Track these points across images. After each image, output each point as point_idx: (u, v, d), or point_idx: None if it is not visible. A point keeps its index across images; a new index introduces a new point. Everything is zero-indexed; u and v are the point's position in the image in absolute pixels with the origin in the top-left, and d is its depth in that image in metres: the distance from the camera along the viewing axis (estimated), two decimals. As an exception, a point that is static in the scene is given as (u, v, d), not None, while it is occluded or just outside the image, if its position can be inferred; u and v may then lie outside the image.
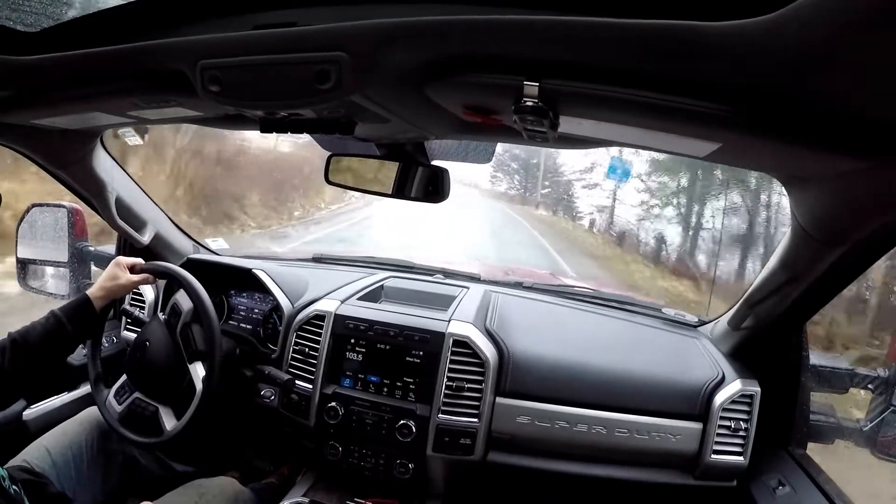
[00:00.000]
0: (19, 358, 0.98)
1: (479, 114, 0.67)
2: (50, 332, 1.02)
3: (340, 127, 0.76)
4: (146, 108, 0.81)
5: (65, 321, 1.03)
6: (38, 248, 1.46)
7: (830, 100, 0.45)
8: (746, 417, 1.08)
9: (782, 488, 1.06)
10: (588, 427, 1.10)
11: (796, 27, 0.37)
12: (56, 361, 1.07)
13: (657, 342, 1.30)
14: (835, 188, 0.63)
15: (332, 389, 1.18)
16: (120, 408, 1.17)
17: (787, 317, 1.03)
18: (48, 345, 1.01)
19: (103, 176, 1.23)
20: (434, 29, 0.50)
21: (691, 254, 8.51)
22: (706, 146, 0.59)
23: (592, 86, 0.50)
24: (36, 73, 0.74)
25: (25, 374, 1.00)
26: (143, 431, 1.14)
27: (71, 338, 1.05)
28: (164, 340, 1.14)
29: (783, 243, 0.88)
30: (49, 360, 1.04)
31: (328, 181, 1.14)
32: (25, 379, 1.01)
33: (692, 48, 0.43)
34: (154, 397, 1.15)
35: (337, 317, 1.21)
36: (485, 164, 1.14)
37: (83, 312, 1.06)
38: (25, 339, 1.00)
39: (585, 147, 0.87)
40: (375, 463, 1.18)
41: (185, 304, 1.16)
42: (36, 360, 1.01)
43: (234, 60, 0.59)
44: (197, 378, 1.12)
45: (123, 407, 1.16)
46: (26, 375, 1.00)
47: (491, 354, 1.13)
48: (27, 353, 0.99)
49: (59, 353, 1.06)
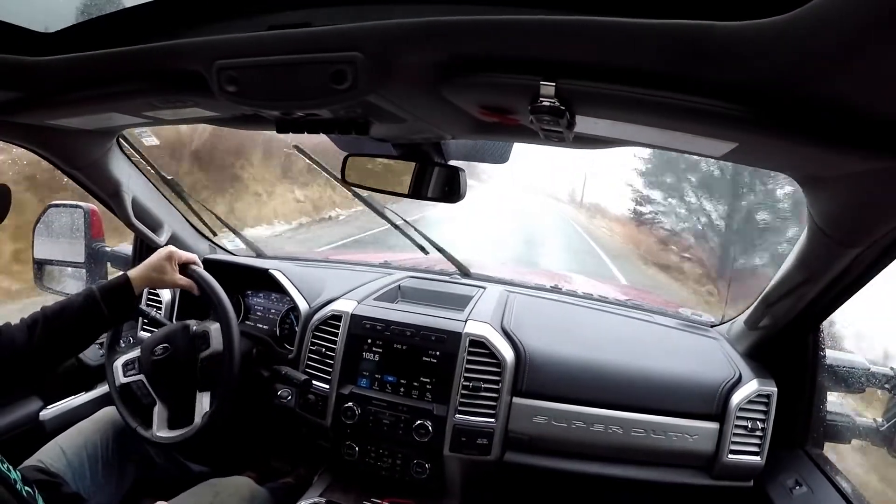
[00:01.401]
0: (50, 335, 0.95)
1: (496, 113, 0.67)
2: (85, 313, 0.98)
3: (356, 127, 0.77)
4: (162, 108, 0.81)
5: (102, 303, 0.99)
6: (54, 249, 1.47)
7: (847, 99, 0.45)
8: (763, 417, 1.08)
9: (799, 488, 1.06)
10: (605, 427, 1.10)
11: (812, 27, 0.37)
12: (87, 343, 1.04)
13: (674, 342, 1.30)
14: (851, 188, 0.62)
15: (348, 389, 1.18)
16: (124, 379, 1.16)
17: (804, 316, 1.03)
18: (81, 325, 0.98)
19: (119, 176, 1.23)
20: (450, 29, 0.50)
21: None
22: (722, 146, 0.59)
23: (608, 86, 0.50)
24: (52, 73, 0.74)
25: (54, 352, 0.97)
26: (135, 413, 1.16)
27: (106, 321, 1.01)
28: (184, 357, 1.12)
29: (799, 243, 0.88)
30: (80, 342, 1.01)
31: (344, 181, 1.15)
32: (53, 357, 0.98)
33: (708, 48, 0.43)
34: (157, 393, 1.15)
35: (354, 317, 1.21)
36: (501, 164, 1.14)
37: (121, 295, 1.02)
38: (59, 316, 0.96)
39: (602, 147, 0.87)
40: (392, 463, 1.18)
41: (217, 340, 1.12)
42: (67, 340, 0.98)
43: (251, 61, 0.59)
44: (200, 407, 1.11)
45: (127, 380, 1.16)
46: (55, 354, 0.97)
47: (508, 354, 1.13)
48: (59, 331, 0.95)
49: (91, 334, 1.02)
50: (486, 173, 29.90)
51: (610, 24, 0.44)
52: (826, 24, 0.37)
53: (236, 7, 0.63)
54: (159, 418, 1.13)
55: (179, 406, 1.14)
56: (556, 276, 2.29)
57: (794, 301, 0.99)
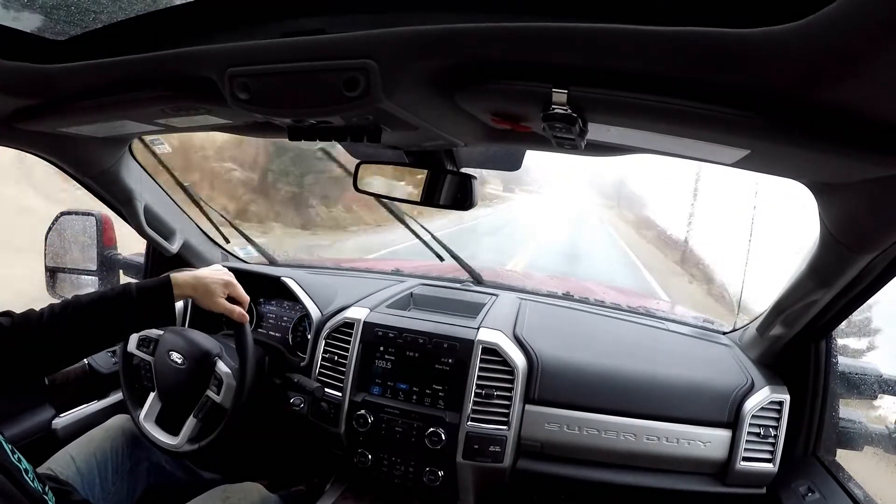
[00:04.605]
0: (78, 324, 0.89)
1: (508, 121, 0.67)
2: (116, 308, 0.92)
3: (369, 134, 0.76)
4: (174, 115, 0.81)
5: (136, 302, 0.92)
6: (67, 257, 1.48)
7: (859, 105, 0.45)
8: (776, 424, 1.09)
9: (812, 495, 1.06)
10: (617, 434, 1.10)
11: (826, 34, 0.37)
12: (112, 340, 0.99)
13: (686, 349, 1.30)
14: (864, 194, 0.63)
15: (361, 397, 1.19)
16: (135, 350, 1.19)
17: (816, 323, 1.03)
18: (110, 320, 0.92)
19: (132, 184, 1.24)
20: (462, 36, 0.50)
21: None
22: (735, 153, 0.59)
23: (621, 93, 0.51)
24: (63, 81, 0.74)
25: (78, 343, 0.90)
26: (131, 390, 1.19)
27: (136, 321, 0.96)
28: (193, 380, 1.12)
29: (811, 250, 0.87)
30: (105, 338, 0.94)
31: (357, 189, 1.15)
32: (75, 348, 0.91)
33: (721, 55, 0.43)
34: (157, 385, 1.16)
35: (366, 324, 1.21)
36: (513, 171, 1.15)
37: (158, 297, 0.95)
38: (91, 306, 0.90)
39: (614, 154, 0.87)
40: (405, 470, 1.18)
41: (227, 397, 1.10)
42: (93, 333, 0.91)
43: (263, 68, 0.59)
44: (187, 429, 1.12)
45: (135, 353, 1.19)
46: (78, 345, 0.91)
47: (520, 362, 1.13)
48: (87, 322, 0.90)
49: (118, 332, 0.98)
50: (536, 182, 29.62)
51: (622, 31, 0.44)
52: (838, 31, 0.37)
53: (250, 14, 0.64)
54: (147, 413, 1.16)
55: (171, 411, 1.16)
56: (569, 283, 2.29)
57: (806, 307, 0.99)
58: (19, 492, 0.75)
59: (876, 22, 0.35)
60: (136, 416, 1.17)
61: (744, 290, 1.62)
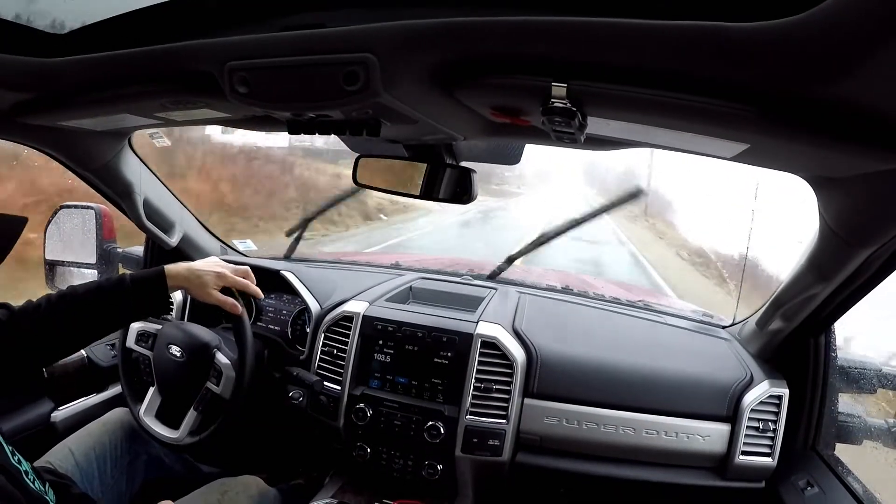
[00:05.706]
0: (74, 314, 0.90)
1: (507, 115, 0.67)
2: (112, 299, 0.93)
3: (368, 128, 0.76)
4: (174, 109, 0.81)
5: (131, 293, 0.94)
6: (66, 250, 1.47)
7: (859, 99, 0.45)
8: (775, 418, 1.09)
9: (811, 489, 1.06)
10: (616, 428, 1.10)
11: (825, 27, 0.37)
12: (106, 330, 0.98)
13: (685, 343, 1.30)
14: (863, 188, 0.63)
15: (360, 391, 1.19)
16: (134, 346, 1.19)
17: (815, 317, 1.03)
18: (105, 310, 0.93)
19: (131, 177, 1.24)
20: (462, 30, 0.50)
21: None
22: (734, 147, 0.59)
23: (620, 87, 0.50)
24: (63, 74, 0.74)
25: (73, 333, 0.91)
26: (130, 385, 1.21)
27: (130, 312, 0.97)
28: (193, 373, 1.12)
29: (811, 244, 0.88)
30: (100, 327, 0.95)
31: (356, 182, 1.15)
32: (70, 338, 0.92)
33: (720, 49, 0.43)
34: (157, 379, 1.16)
35: (365, 318, 1.21)
36: (512, 165, 1.15)
37: (152, 288, 0.96)
38: (87, 296, 0.91)
39: (613, 148, 0.88)
40: (404, 464, 1.18)
41: (226, 388, 1.10)
42: (88, 323, 0.92)
43: (262, 62, 0.59)
44: (188, 421, 1.12)
45: (133, 347, 1.19)
46: (73, 335, 0.92)
47: (519, 355, 1.13)
48: (83, 312, 0.91)
49: (112, 322, 0.97)
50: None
51: (622, 25, 0.44)
52: (838, 25, 0.37)
53: (249, 8, 0.63)
54: (147, 407, 1.16)
55: (171, 405, 1.16)
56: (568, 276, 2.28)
57: (805, 301, 0.99)
58: (21, 493, 0.76)
59: (875, 15, 0.35)
60: (136, 412, 1.16)
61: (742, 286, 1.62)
